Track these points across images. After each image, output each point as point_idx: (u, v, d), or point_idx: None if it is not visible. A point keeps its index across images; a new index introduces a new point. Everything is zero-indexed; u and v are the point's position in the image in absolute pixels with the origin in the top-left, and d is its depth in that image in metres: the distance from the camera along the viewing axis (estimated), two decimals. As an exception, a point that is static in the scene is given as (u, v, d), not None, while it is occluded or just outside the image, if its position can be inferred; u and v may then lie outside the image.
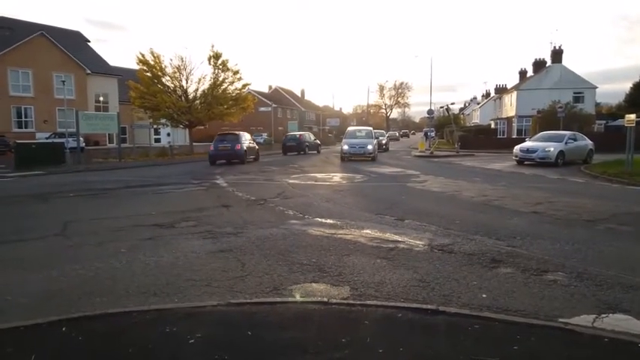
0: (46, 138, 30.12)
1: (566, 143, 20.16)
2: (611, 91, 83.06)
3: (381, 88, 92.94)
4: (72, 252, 5.95)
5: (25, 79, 34.82)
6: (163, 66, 32.03)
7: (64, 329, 3.38)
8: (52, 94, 35.03)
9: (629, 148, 15.39)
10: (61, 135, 28.46)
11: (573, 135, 21.49)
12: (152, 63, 31.45)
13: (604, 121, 46.13)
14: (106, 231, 7.13)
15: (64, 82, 28.26)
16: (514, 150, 21.50)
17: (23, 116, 34.88)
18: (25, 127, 34.68)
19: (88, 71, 37.84)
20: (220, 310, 3.77)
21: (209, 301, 3.99)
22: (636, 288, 4.36)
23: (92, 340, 3.29)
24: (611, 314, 3.71)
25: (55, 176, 17.60)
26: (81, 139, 25.59)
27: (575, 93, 42.35)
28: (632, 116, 15.51)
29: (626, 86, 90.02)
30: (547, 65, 46.48)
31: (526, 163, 20.25)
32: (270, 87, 77.13)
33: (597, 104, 51.03)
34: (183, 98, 32.68)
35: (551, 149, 19.51)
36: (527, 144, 21.17)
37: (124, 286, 4.56)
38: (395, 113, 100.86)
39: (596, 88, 44.55)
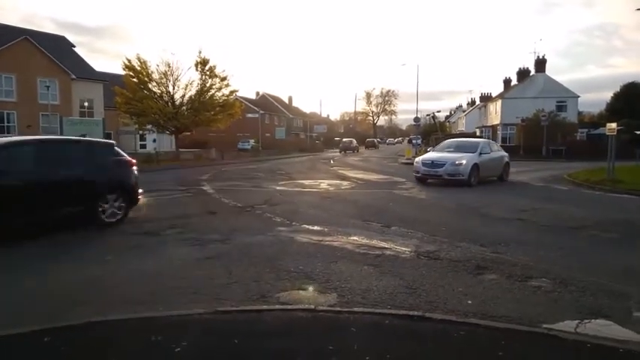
0: (29, 143, 29.60)
1: (480, 154, 14.99)
2: (593, 101, 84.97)
3: (368, 96, 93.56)
4: (56, 260, 5.85)
5: (8, 84, 34.23)
6: (150, 72, 31.81)
7: (46, 339, 3.32)
8: (36, 99, 34.47)
9: (610, 156, 15.69)
10: (45, 141, 28.03)
11: (488, 144, 16.71)
12: (138, 69, 31.22)
13: (586, 130, 47.03)
14: (90, 238, 7.03)
15: (48, 87, 27.93)
16: (414, 163, 16.45)
17: (5, 121, 34.27)
18: (7, 133, 34.05)
19: (73, 76, 37.35)
20: (207, 319, 3.74)
21: (195, 309, 3.96)
22: (618, 294, 4.44)
23: (75, 350, 3.24)
24: (593, 320, 3.77)
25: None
26: (65, 144, 25.25)
27: (558, 102, 43.11)
28: (613, 125, 15.83)
29: (607, 95, 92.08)
30: (531, 74, 47.30)
31: (430, 180, 15.09)
32: (257, 93, 77.06)
33: (580, 113, 51.99)
34: (169, 104, 32.45)
35: (463, 162, 14.27)
36: (432, 155, 16.08)
37: (108, 294, 4.50)
38: (382, 120, 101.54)
39: (579, 97, 45.41)
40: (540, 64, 46.37)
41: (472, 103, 77.75)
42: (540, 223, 8.30)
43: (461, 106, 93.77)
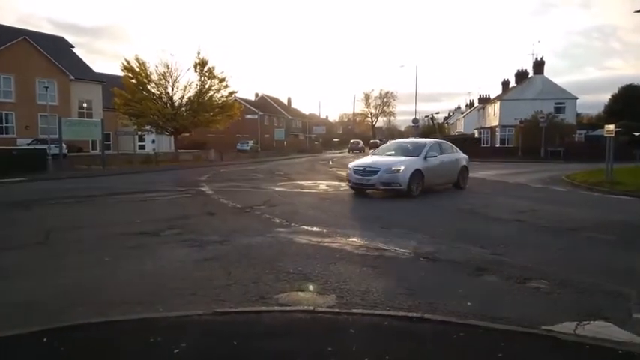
0: (28, 144, 29.59)
1: (425, 158, 12.57)
2: (591, 102, 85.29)
3: (367, 97, 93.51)
4: (54, 261, 5.84)
5: (6, 85, 34.20)
6: (149, 73, 31.82)
7: (45, 340, 3.31)
8: (35, 99, 34.44)
9: (608, 157, 15.73)
10: (43, 141, 28.00)
11: (437, 145, 13.98)
12: (137, 70, 31.22)
13: (584, 131, 47.18)
14: (89, 239, 7.02)
15: (46, 87, 27.84)
16: (347, 168, 13.36)
17: (4, 122, 34.23)
18: (6, 133, 34.01)
19: (72, 77, 37.34)
20: (206, 320, 3.73)
21: (194, 310, 3.95)
22: (616, 295, 4.45)
23: (74, 350, 3.23)
24: (592, 321, 3.77)
25: (37, 183, 17.27)
26: (63, 145, 25.20)
27: (556, 103, 43.22)
28: (612, 127, 15.88)
29: (605, 97, 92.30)
30: (529, 76, 47.42)
31: (370, 191, 12.71)
32: (256, 94, 77.16)
33: (578, 114, 52.14)
34: (168, 105, 32.46)
35: (402, 168, 11.83)
36: (365, 160, 13.53)
37: (107, 295, 4.49)
38: (380, 122, 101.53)
39: (577, 98, 45.53)
40: (538, 65, 46.50)
41: (471, 104, 77.90)
42: (539, 224, 8.31)
43: (459, 107, 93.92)
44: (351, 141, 60.82)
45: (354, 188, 12.87)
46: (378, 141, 72.30)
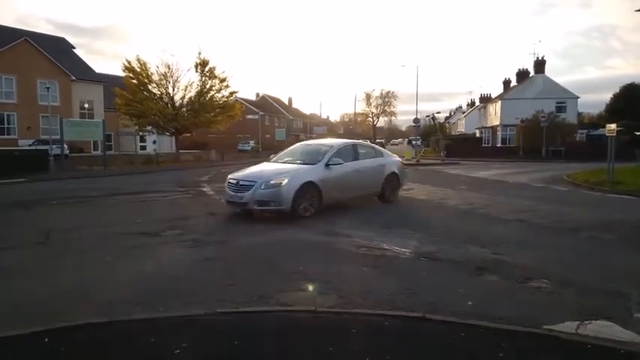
0: (29, 145, 29.62)
1: (328, 166, 9.47)
2: (592, 102, 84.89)
3: (368, 97, 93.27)
4: (55, 261, 5.85)
5: (8, 86, 34.26)
6: (150, 73, 31.83)
7: (46, 340, 3.31)
8: (36, 100, 34.50)
9: (609, 157, 15.69)
10: (45, 142, 28.02)
11: (350, 148, 10.66)
12: (138, 70, 31.24)
13: (586, 131, 47.06)
14: (90, 239, 7.02)
15: (48, 88, 27.87)
16: (226, 180, 9.72)
17: (6, 123, 34.28)
18: (8, 134, 34.07)
19: (73, 78, 37.39)
20: (207, 320, 3.73)
21: (195, 310, 3.94)
22: (618, 295, 4.43)
23: (75, 351, 3.23)
24: (594, 321, 3.76)
25: (38, 184, 17.29)
26: (65, 146, 25.22)
27: (557, 103, 43.11)
28: (613, 126, 15.84)
29: (606, 97, 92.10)
30: (530, 75, 47.31)
31: (256, 209, 8.93)
32: (257, 94, 77.14)
33: (579, 114, 52.03)
34: (169, 105, 32.47)
35: (284, 181, 8.67)
36: (248, 171, 9.80)
37: (108, 295, 4.49)
38: (382, 122, 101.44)
39: (578, 98, 45.43)
40: (539, 65, 46.38)
41: (472, 104, 77.77)
42: (540, 224, 8.29)
43: (460, 107, 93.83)
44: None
45: (229, 203, 9.43)
46: (383, 141, 72.38)
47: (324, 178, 9.22)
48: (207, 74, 32.92)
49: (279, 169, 9.55)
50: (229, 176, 9.54)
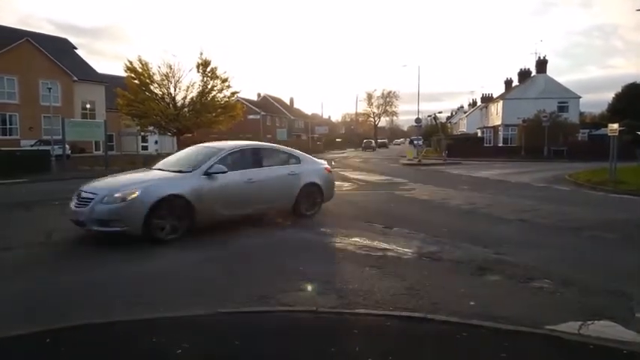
0: (31, 145, 29.68)
1: (208, 175, 7.39)
2: (594, 101, 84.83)
3: (369, 97, 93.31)
4: (56, 261, 5.85)
5: (10, 86, 34.35)
6: (151, 73, 31.84)
7: (47, 340, 3.31)
8: (38, 101, 34.60)
9: (612, 156, 15.65)
10: (47, 142, 28.08)
11: (249, 152, 8.51)
12: (140, 70, 31.26)
13: (588, 130, 46.95)
14: (90, 240, 7.01)
15: (50, 89, 27.91)
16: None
17: (8, 123, 34.38)
18: (10, 134, 34.16)
19: (75, 78, 37.46)
20: (207, 320, 3.73)
21: (196, 310, 3.94)
22: (620, 294, 4.41)
23: (75, 351, 3.23)
24: (596, 321, 3.75)
25: (40, 184, 17.32)
26: (67, 146, 25.26)
27: (559, 102, 43.03)
28: (615, 125, 15.79)
29: (608, 96, 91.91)
30: (532, 75, 47.25)
31: (90, 228, 6.81)
32: (259, 95, 77.10)
33: (581, 114, 51.92)
34: (171, 106, 32.48)
35: (134, 194, 6.61)
36: (103, 181, 7.66)
37: (109, 296, 4.48)
38: (383, 122, 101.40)
39: (580, 97, 45.34)
40: (541, 64, 46.32)
41: (473, 103, 77.65)
42: (542, 223, 8.27)
43: (462, 107, 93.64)
44: (364, 140, 69.17)
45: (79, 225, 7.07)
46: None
47: (199, 189, 7.21)
48: (209, 74, 32.90)
49: (135, 179, 7.55)
50: (83, 188, 7.35)
